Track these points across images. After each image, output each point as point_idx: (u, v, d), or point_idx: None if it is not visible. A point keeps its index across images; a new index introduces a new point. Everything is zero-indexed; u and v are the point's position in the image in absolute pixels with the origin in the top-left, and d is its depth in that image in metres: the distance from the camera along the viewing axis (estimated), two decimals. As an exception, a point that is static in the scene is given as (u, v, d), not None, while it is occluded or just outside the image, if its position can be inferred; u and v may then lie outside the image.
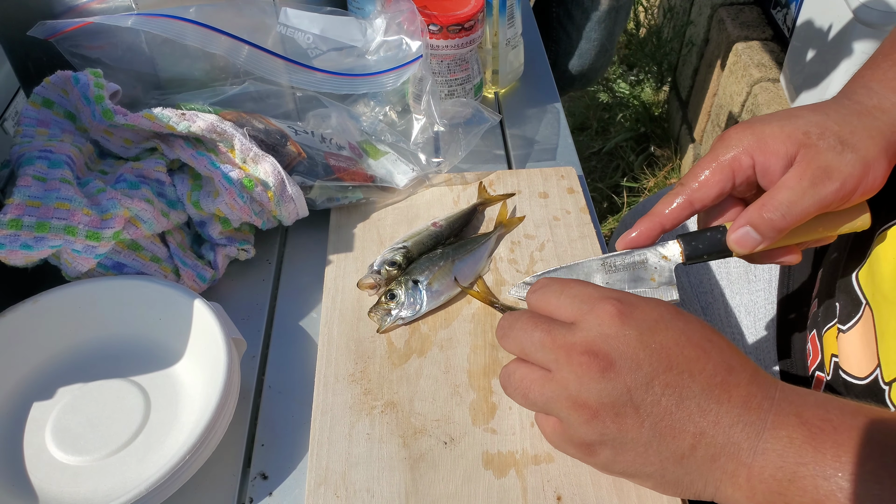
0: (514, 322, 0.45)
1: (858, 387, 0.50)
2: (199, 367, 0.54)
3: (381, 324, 0.58)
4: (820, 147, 0.47)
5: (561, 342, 0.42)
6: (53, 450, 0.50)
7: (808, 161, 0.47)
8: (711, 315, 0.79)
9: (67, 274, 0.57)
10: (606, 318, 0.41)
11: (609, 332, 0.41)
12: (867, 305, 0.51)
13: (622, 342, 0.40)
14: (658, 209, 0.52)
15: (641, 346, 0.40)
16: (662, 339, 0.41)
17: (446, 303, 0.60)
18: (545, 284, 0.46)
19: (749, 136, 0.49)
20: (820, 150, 0.47)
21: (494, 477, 0.48)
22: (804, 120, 0.48)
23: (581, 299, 0.43)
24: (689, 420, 0.39)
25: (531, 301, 0.47)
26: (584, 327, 0.42)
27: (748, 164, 0.49)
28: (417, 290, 0.59)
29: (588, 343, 0.41)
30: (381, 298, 0.59)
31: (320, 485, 0.48)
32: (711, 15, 2.01)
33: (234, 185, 0.60)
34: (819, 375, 0.57)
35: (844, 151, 0.46)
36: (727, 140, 0.50)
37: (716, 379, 0.40)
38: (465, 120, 0.76)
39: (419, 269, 0.61)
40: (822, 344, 0.57)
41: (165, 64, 0.70)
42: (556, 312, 0.44)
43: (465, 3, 0.75)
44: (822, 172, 0.46)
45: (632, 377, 0.40)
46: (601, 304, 0.42)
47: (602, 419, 0.40)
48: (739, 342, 0.74)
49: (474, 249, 0.63)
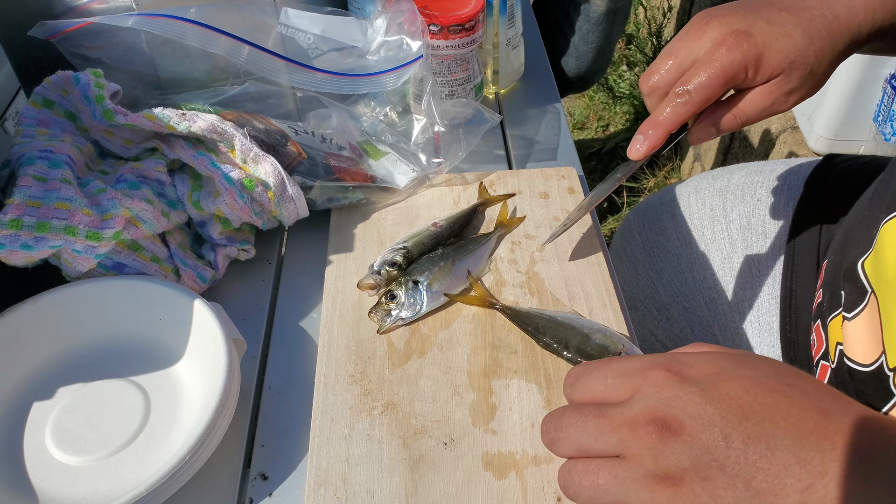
0: (560, 419, 0.40)
1: (863, 374, 0.51)
2: (199, 368, 0.54)
3: (382, 324, 0.58)
4: (794, 77, 0.55)
5: (620, 420, 0.37)
6: (53, 450, 0.50)
7: (782, 88, 0.56)
8: (715, 310, 0.79)
9: (67, 274, 0.57)
10: (662, 382, 0.37)
11: (668, 395, 0.37)
12: (872, 293, 0.51)
13: (686, 401, 0.36)
14: (663, 116, 0.56)
15: (707, 400, 0.36)
16: (729, 390, 0.36)
17: (446, 303, 0.60)
18: (582, 372, 0.42)
19: (750, 48, 0.53)
20: (793, 79, 0.55)
21: (494, 478, 0.48)
22: (793, 41, 0.54)
23: (629, 374, 0.39)
24: (789, 473, 0.34)
25: (573, 396, 0.42)
26: (641, 398, 0.38)
27: (742, 76, 0.54)
28: (418, 290, 0.59)
29: (650, 411, 0.37)
30: (381, 299, 0.59)
31: (320, 485, 0.48)
32: (712, 15, 2.01)
33: (235, 185, 0.60)
34: (824, 364, 0.57)
35: (811, 80, 0.56)
36: (726, 43, 0.54)
37: (807, 424, 0.35)
38: (466, 120, 0.76)
39: (419, 270, 0.61)
40: (827, 333, 0.57)
41: (166, 64, 0.70)
42: (608, 398, 0.40)
43: (465, 3, 0.75)
44: (791, 95, 0.56)
45: (707, 435, 0.35)
46: (652, 372, 0.38)
47: (690, 487, 0.35)
48: (743, 337, 0.74)
49: (475, 250, 0.63)
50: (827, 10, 0.55)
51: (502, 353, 0.56)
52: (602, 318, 0.58)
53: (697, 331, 0.81)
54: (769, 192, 0.80)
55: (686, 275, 0.83)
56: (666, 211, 0.88)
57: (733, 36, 0.54)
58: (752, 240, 0.78)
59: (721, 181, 0.85)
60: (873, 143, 1.50)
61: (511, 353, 0.56)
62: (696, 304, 0.81)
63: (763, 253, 0.76)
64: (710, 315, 0.79)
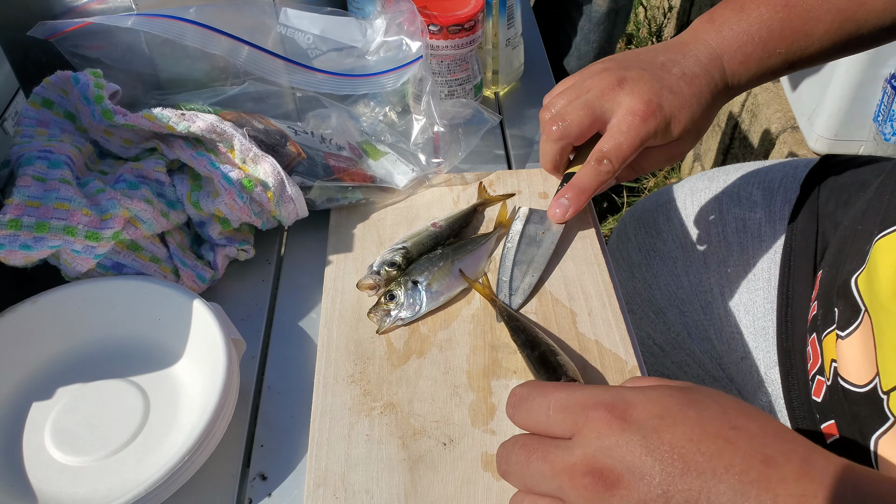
0: (509, 455, 0.40)
1: (857, 394, 0.50)
2: (198, 368, 0.54)
3: (381, 324, 0.58)
4: (688, 139, 0.64)
5: (560, 466, 0.37)
6: (52, 450, 0.50)
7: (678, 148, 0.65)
8: (711, 314, 0.79)
9: (67, 274, 0.57)
10: (603, 428, 0.36)
11: (608, 442, 0.36)
12: (866, 312, 0.50)
13: (625, 451, 0.35)
14: (587, 183, 0.62)
15: (647, 451, 0.35)
16: (671, 438, 0.35)
17: (446, 303, 0.60)
18: (525, 396, 0.41)
19: (661, 120, 0.60)
20: (687, 141, 0.64)
21: (493, 478, 0.48)
22: (691, 112, 0.61)
23: (570, 410, 0.38)
24: None
25: (517, 420, 0.42)
26: (582, 442, 0.37)
27: (651, 142, 0.62)
28: (417, 290, 0.59)
29: (588, 461, 0.36)
30: (380, 299, 0.59)
31: (319, 486, 0.48)
32: (712, 15, 2.01)
33: (234, 185, 0.60)
34: (820, 380, 0.56)
35: (697, 137, 0.65)
36: (642, 113, 0.60)
37: (749, 475, 0.33)
38: (465, 120, 0.76)
39: (418, 270, 0.61)
40: (822, 348, 0.56)
41: (165, 64, 0.70)
42: (548, 431, 0.40)
43: (465, 3, 0.75)
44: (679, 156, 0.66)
45: (645, 490, 0.34)
46: (594, 412, 0.37)
47: None
48: (739, 342, 0.74)
49: (474, 250, 0.63)
50: (715, 74, 0.62)
51: (501, 353, 0.56)
52: (601, 318, 0.58)
53: (694, 335, 0.81)
54: (765, 194, 0.79)
55: (682, 278, 0.82)
56: (662, 213, 0.88)
57: (647, 107, 0.60)
58: (748, 243, 0.77)
59: (717, 182, 0.84)
60: (873, 143, 1.50)
61: (510, 353, 0.56)
62: (692, 308, 0.81)
63: (759, 257, 0.76)
64: (705, 319, 0.79)
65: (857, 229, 0.57)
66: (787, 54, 0.63)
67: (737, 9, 0.64)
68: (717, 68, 0.62)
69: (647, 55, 0.64)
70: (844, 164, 0.75)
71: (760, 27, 0.62)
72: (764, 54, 0.63)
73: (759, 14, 0.62)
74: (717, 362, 0.78)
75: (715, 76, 0.62)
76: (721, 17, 0.64)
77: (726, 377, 0.77)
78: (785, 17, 0.62)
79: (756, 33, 0.62)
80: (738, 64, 0.63)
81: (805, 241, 0.71)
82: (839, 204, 0.70)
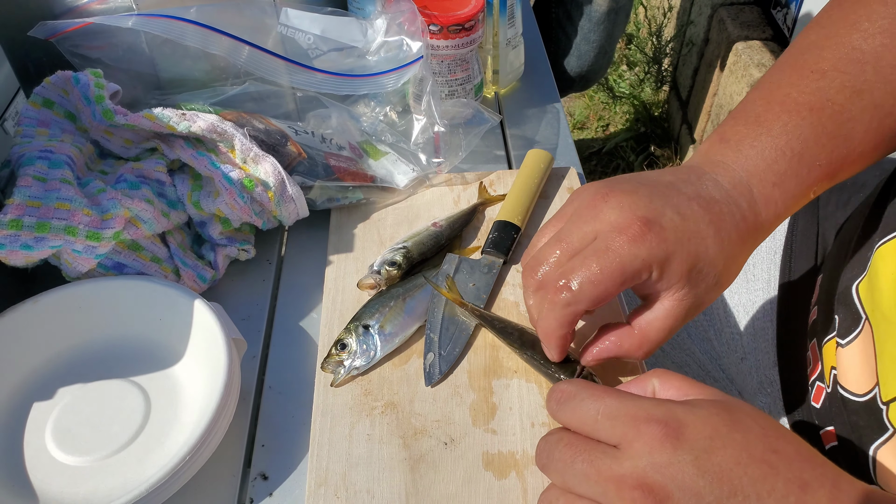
0: (552, 451, 0.40)
1: (856, 403, 0.49)
2: (199, 368, 0.54)
3: (335, 377, 0.55)
4: (699, 289, 0.46)
5: (608, 474, 0.37)
6: (53, 450, 0.50)
7: (685, 302, 0.46)
8: (711, 315, 0.79)
9: (67, 274, 0.57)
10: (656, 445, 0.36)
11: (660, 460, 0.36)
12: (867, 321, 0.49)
13: (677, 470, 0.35)
14: (545, 326, 0.48)
15: (699, 472, 0.35)
16: (721, 461, 0.36)
17: (402, 345, 0.57)
18: (574, 394, 0.40)
19: (659, 245, 0.44)
20: (698, 291, 0.46)
21: (495, 478, 0.48)
22: (705, 244, 0.45)
23: (622, 421, 0.38)
24: None
25: (560, 417, 0.41)
26: (632, 455, 0.37)
27: (643, 278, 0.45)
28: (369, 335, 0.56)
29: (639, 475, 0.36)
30: (331, 349, 0.56)
31: (320, 485, 0.48)
32: (711, 15, 2.01)
33: (235, 185, 0.60)
34: (819, 386, 0.55)
35: (715, 292, 0.47)
36: (630, 231, 0.44)
37: (788, 500, 0.35)
38: (466, 120, 0.76)
39: (368, 314, 0.57)
40: (822, 355, 0.56)
41: (166, 64, 0.70)
42: (593, 434, 0.39)
43: (465, 3, 0.75)
44: (694, 310, 0.47)
45: None
46: (646, 427, 0.37)
47: None
48: (738, 342, 0.74)
49: (425, 285, 0.61)
50: (742, 203, 0.47)
51: (502, 353, 0.56)
52: (601, 313, 0.58)
53: (694, 335, 0.81)
54: None
55: None
56: None
57: (639, 224, 0.44)
58: None
59: None
60: (873, 143, 1.50)
61: (511, 353, 0.56)
62: None
63: (759, 257, 0.76)
64: (705, 320, 0.79)
65: (857, 234, 0.57)
66: (828, 165, 0.49)
67: (752, 122, 0.50)
68: (745, 195, 0.47)
69: (651, 175, 0.49)
70: None
71: (790, 138, 0.48)
72: (802, 169, 0.48)
73: (784, 123, 0.48)
74: (716, 363, 0.78)
75: (742, 205, 0.47)
76: (735, 134, 0.50)
77: (726, 378, 0.77)
78: (815, 121, 0.48)
79: (786, 146, 0.48)
80: (772, 186, 0.48)
81: (805, 243, 0.71)
82: (839, 205, 0.70)
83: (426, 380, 0.54)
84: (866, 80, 0.49)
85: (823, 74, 0.49)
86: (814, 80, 0.50)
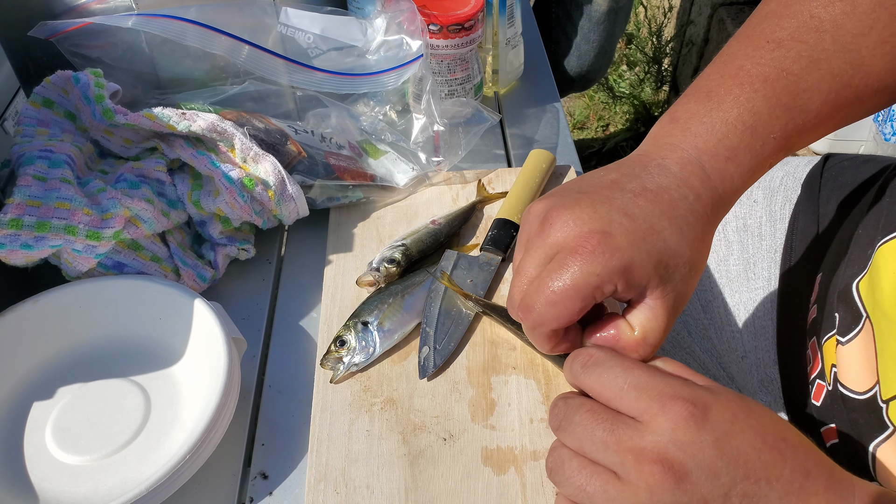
0: (571, 415, 0.40)
1: (856, 401, 0.49)
2: (199, 367, 0.54)
3: (335, 374, 0.55)
4: (675, 283, 0.44)
5: (628, 444, 0.37)
6: (54, 449, 0.51)
7: (666, 302, 0.45)
8: (711, 313, 0.78)
9: (67, 274, 0.57)
10: (680, 422, 0.37)
11: (683, 438, 0.37)
12: (867, 319, 0.49)
13: (698, 450, 0.36)
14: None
15: (719, 453, 0.36)
16: (739, 444, 0.37)
17: (401, 341, 0.57)
18: (601, 361, 0.41)
19: (612, 256, 0.42)
20: (676, 286, 0.45)
21: (493, 473, 0.48)
22: (662, 238, 0.43)
23: (649, 395, 0.38)
24: None
25: (582, 380, 0.41)
26: (655, 430, 0.37)
27: (607, 293, 0.43)
28: (368, 331, 0.56)
29: (660, 450, 0.36)
30: (330, 346, 0.56)
31: (320, 481, 0.48)
32: (711, 15, 2.02)
33: (235, 184, 0.60)
34: (820, 384, 0.55)
35: (694, 277, 0.45)
36: (581, 250, 0.42)
37: (793, 486, 0.37)
38: (465, 119, 0.76)
39: (367, 310, 0.57)
40: (822, 353, 0.56)
41: (166, 64, 0.70)
42: (615, 403, 0.39)
43: (465, 2, 0.75)
44: (679, 303, 0.46)
45: (709, 488, 0.36)
46: (672, 403, 0.37)
47: None
48: (738, 341, 0.74)
49: (424, 282, 0.61)
50: (694, 182, 0.45)
51: (501, 349, 0.56)
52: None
53: (694, 333, 0.81)
54: (766, 193, 0.79)
55: None
56: None
57: (587, 240, 0.42)
58: (749, 242, 0.77)
59: None
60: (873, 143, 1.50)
61: (509, 349, 0.56)
62: (692, 307, 0.80)
63: (759, 256, 0.76)
64: (706, 318, 0.79)
65: (857, 232, 0.57)
66: (784, 138, 0.47)
67: (703, 98, 0.48)
68: (697, 174, 0.46)
69: (594, 176, 0.47)
70: (845, 163, 0.75)
71: (742, 111, 0.46)
72: (756, 142, 0.47)
73: (735, 97, 0.47)
74: (717, 361, 0.78)
75: (694, 184, 0.45)
76: (685, 112, 0.48)
77: (727, 376, 0.77)
78: (769, 92, 0.47)
79: (737, 119, 0.46)
80: (725, 161, 0.46)
81: (805, 242, 0.71)
82: (840, 204, 0.70)
83: (420, 372, 0.55)
84: (825, 50, 0.47)
85: (780, 44, 0.48)
86: (769, 51, 0.48)
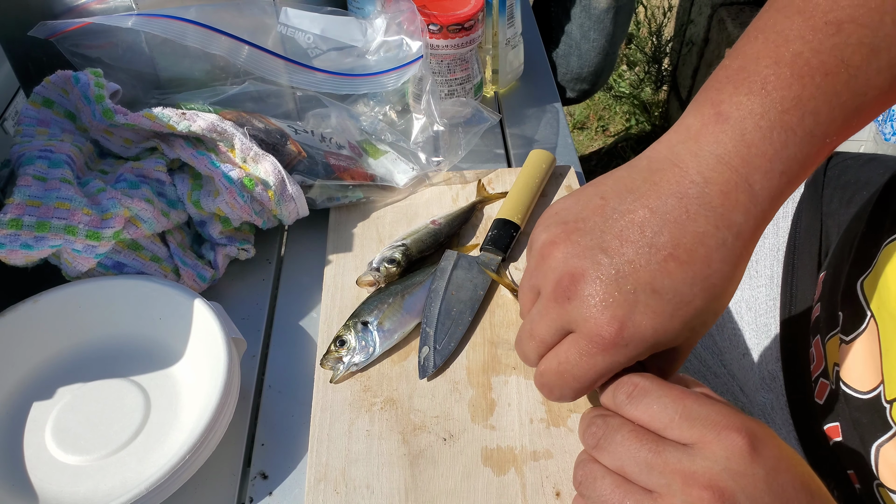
0: (612, 434, 0.39)
1: (860, 401, 0.49)
2: (199, 367, 0.54)
3: (334, 374, 0.55)
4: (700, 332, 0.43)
5: (677, 467, 0.36)
6: (53, 449, 0.50)
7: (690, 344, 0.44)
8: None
9: (67, 274, 0.57)
10: (736, 452, 0.36)
11: (737, 468, 0.36)
12: (872, 318, 0.49)
13: (749, 482, 0.36)
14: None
15: (767, 488, 0.36)
16: (784, 481, 0.37)
17: (401, 341, 0.57)
18: (647, 391, 0.39)
19: (638, 351, 0.40)
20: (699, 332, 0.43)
21: (493, 473, 0.48)
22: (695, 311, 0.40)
23: (701, 424, 0.37)
24: None
25: (628, 410, 0.40)
26: (708, 456, 0.36)
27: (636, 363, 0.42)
28: (368, 331, 0.56)
29: (712, 476, 0.36)
30: (330, 346, 0.56)
31: (320, 481, 0.48)
32: (711, 15, 2.02)
33: (235, 184, 0.60)
34: (823, 382, 0.56)
35: (716, 316, 0.42)
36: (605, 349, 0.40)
37: None
38: (465, 119, 0.76)
39: (367, 310, 0.58)
40: (826, 351, 0.56)
41: (165, 64, 0.70)
42: (663, 432, 0.38)
43: (464, 2, 0.75)
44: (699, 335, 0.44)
45: None
46: (729, 433, 0.37)
47: None
48: (740, 339, 0.74)
49: (424, 282, 0.61)
50: (725, 230, 0.39)
51: (501, 349, 0.56)
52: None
53: None
54: None
55: None
56: None
57: (608, 326, 0.39)
58: None
59: None
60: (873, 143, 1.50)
61: (509, 349, 0.56)
62: None
63: (762, 253, 0.76)
64: None
65: (862, 231, 0.57)
66: (833, 144, 0.40)
67: (756, 90, 0.40)
68: (742, 204, 0.39)
69: (617, 207, 0.41)
70: (848, 162, 0.75)
71: (803, 115, 0.39)
72: (812, 150, 0.39)
73: (797, 96, 0.39)
74: (718, 358, 0.78)
75: (737, 220, 0.39)
76: (735, 107, 0.40)
77: (728, 373, 0.77)
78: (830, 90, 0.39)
79: (798, 126, 0.39)
80: (779, 176, 0.39)
81: (808, 240, 0.71)
82: (842, 202, 0.69)
83: (420, 372, 0.55)
84: (886, 35, 0.39)
85: (840, 28, 0.39)
86: (829, 35, 0.39)
